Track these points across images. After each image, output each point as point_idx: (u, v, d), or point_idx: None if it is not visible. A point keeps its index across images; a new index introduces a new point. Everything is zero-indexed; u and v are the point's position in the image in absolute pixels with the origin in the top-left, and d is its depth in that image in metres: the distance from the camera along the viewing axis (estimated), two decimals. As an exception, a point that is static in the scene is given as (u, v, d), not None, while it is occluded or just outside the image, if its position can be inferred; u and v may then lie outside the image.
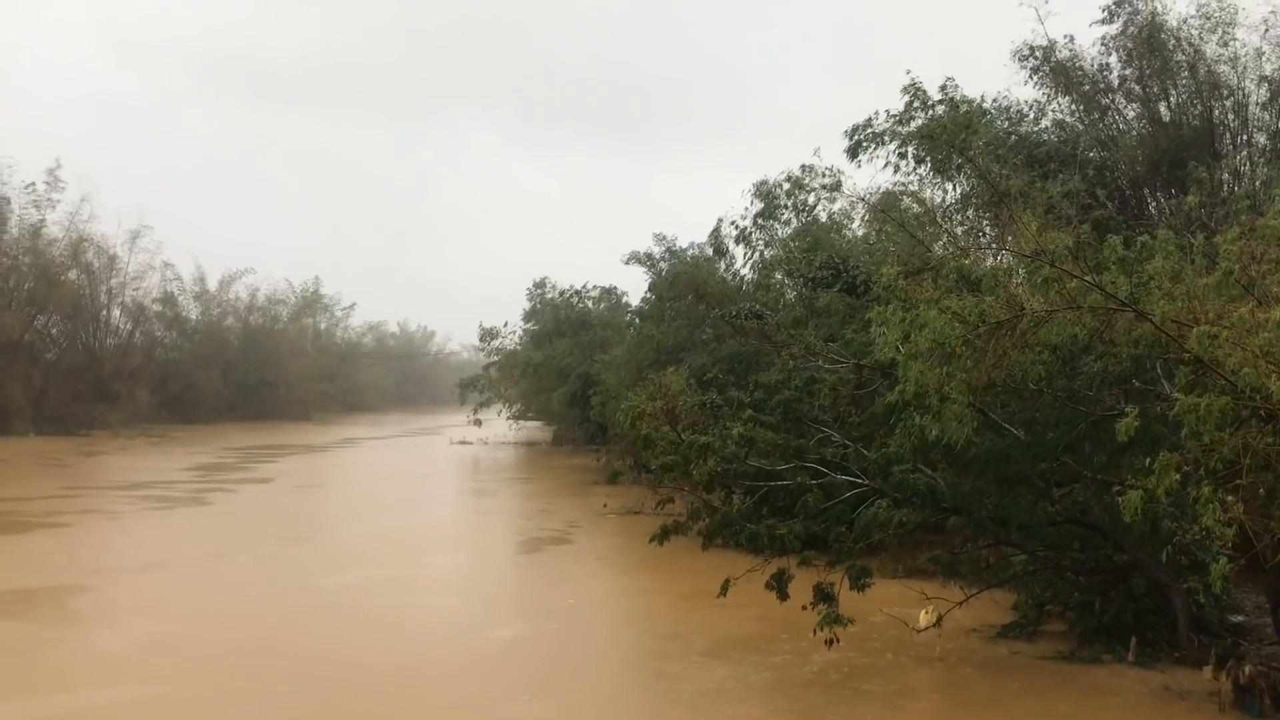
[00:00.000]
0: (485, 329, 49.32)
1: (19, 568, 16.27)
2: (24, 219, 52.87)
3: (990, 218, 17.94)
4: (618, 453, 29.67)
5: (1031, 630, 11.63)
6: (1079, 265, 8.66)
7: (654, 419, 18.18)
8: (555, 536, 20.08)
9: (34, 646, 11.53)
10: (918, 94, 17.66)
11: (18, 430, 48.25)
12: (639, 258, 30.77)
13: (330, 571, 16.24)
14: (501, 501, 28.32)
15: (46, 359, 55.68)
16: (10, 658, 11.07)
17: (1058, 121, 20.39)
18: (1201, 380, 7.83)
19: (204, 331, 71.02)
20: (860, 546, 9.96)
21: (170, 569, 16.29)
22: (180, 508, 24.09)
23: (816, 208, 21.50)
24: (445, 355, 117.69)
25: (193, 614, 13.08)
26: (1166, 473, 7.21)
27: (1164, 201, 19.27)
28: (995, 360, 8.71)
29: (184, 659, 10.89)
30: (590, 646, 11.98)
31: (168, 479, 30.46)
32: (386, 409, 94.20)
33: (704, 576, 11.69)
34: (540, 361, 40.69)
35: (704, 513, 11.12)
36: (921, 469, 10.25)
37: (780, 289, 22.76)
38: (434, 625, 12.81)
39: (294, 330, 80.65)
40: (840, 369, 12.83)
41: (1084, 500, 10.93)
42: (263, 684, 10.07)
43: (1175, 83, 19.70)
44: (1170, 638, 10.58)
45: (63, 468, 34.85)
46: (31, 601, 13.87)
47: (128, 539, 19.94)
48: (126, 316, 62.89)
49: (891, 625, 11.38)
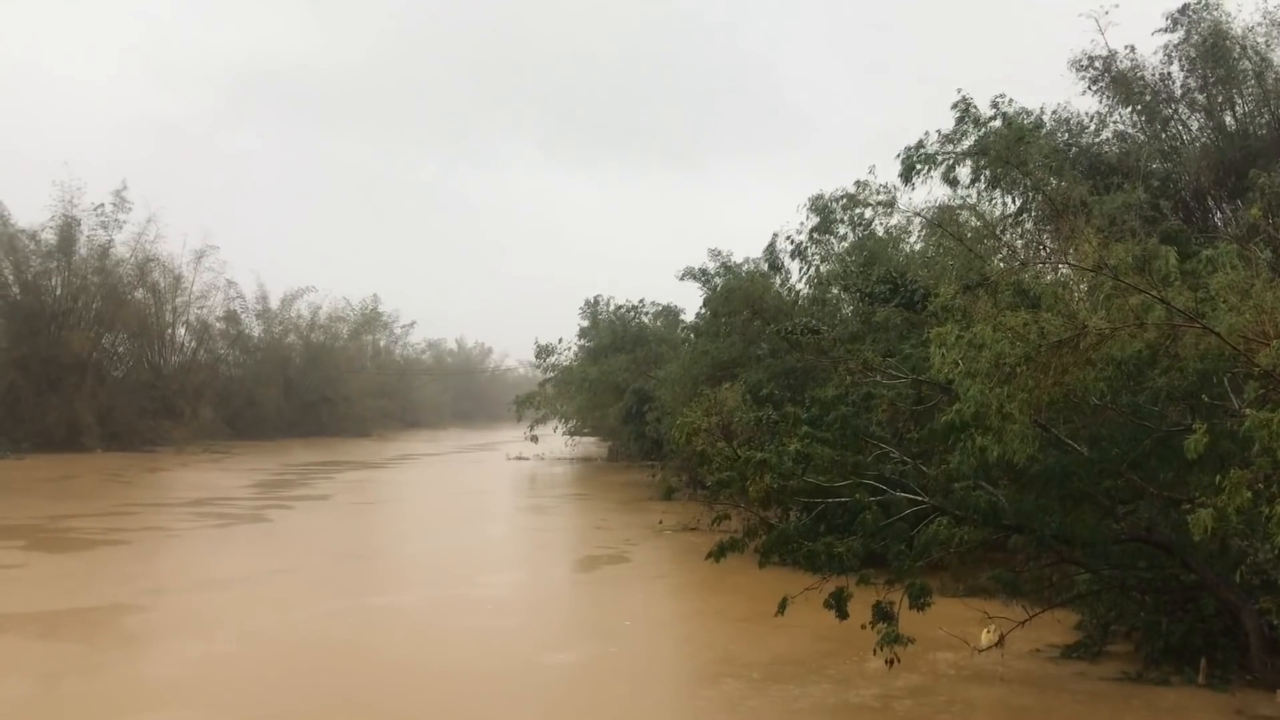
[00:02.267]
0: (541, 345, 49.59)
1: (77, 585, 16.40)
2: (92, 239, 54.07)
3: (1050, 230, 17.72)
4: (673, 469, 29.65)
5: (1096, 651, 11.38)
6: (1143, 279, 8.50)
7: (709, 435, 18.15)
8: (612, 554, 20.06)
9: (81, 669, 11.49)
10: (968, 111, 17.56)
11: (86, 446, 49.28)
12: (694, 273, 30.70)
13: (385, 591, 16.25)
14: (558, 518, 28.38)
15: (113, 377, 56.75)
16: (53, 681, 11.04)
17: (1119, 133, 20.10)
18: (1272, 395, 7.65)
19: (266, 349, 72.11)
20: (920, 564, 9.82)
21: (225, 587, 16.36)
22: (238, 525, 24.34)
23: (873, 222, 21.42)
24: (502, 372, 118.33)
25: (245, 635, 13.05)
26: (1238, 490, 7.04)
27: (1229, 213, 18.90)
28: (1057, 378, 8.57)
29: (232, 684, 10.79)
30: (649, 670, 11.84)
31: (227, 495, 30.86)
32: (444, 425, 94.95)
33: (761, 595, 11.60)
34: (596, 377, 40.77)
35: (760, 530, 11.05)
36: (983, 486, 10.10)
37: (836, 304, 22.62)
38: (490, 648, 12.59)
39: (354, 348, 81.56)
40: (898, 384, 12.69)
41: (1150, 518, 10.70)
42: (310, 711, 9.98)
43: (1241, 91, 19.36)
44: (1242, 659, 10.31)
45: (124, 484, 35.41)
46: (85, 621, 13.92)
47: (185, 556, 20.13)
48: (191, 335, 64.06)
49: (952, 645, 11.20)
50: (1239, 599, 10.07)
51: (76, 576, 17.39)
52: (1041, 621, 11.28)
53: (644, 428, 33.49)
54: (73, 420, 49.87)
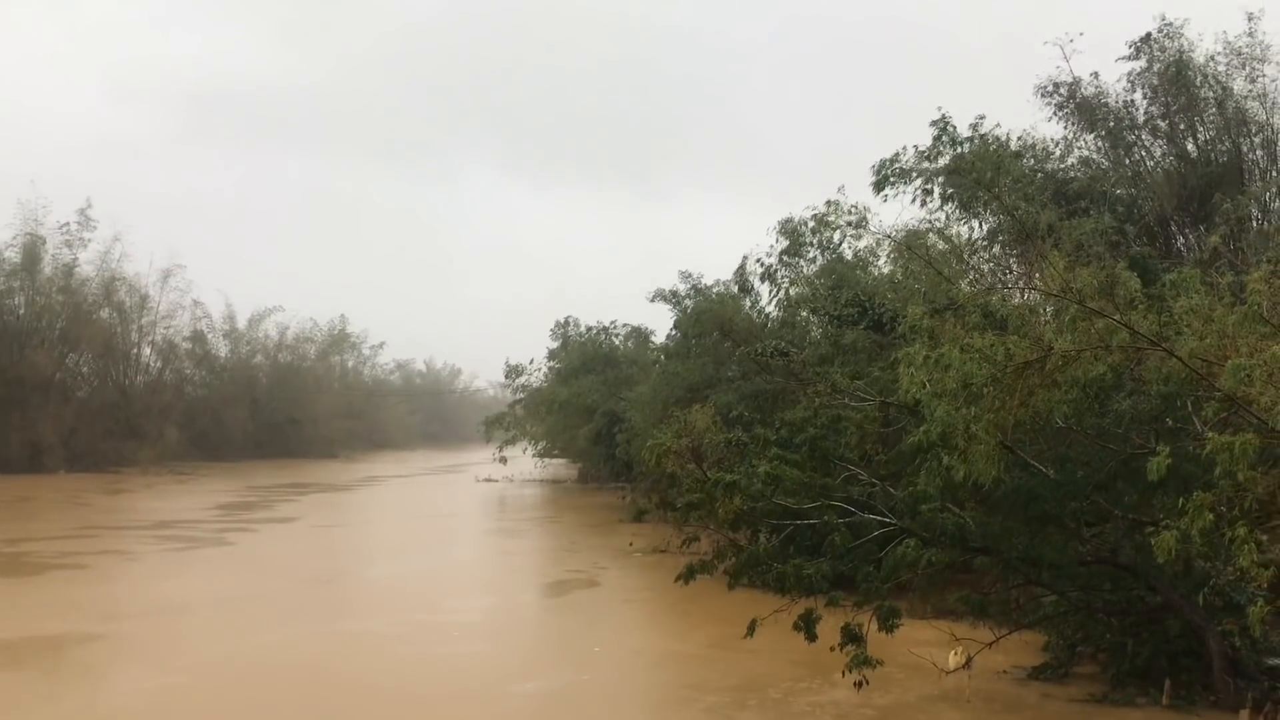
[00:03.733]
0: (510, 366, 49.53)
1: (28, 612, 15.82)
2: (57, 258, 53.59)
3: (1018, 254, 17.89)
4: (643, 490, 29.61)
5: (1063, 672, 11.43)
6: (1108, 303, 8.60)
7: (679, 457, 18.12)
8: (582, 578, 19.96)
9: (25, 703, 10.92)
10: (945, 129, 17.68)
11: (49, 468, 48.67)
12: (664, 295, 30.80)
13: (351, 616, 15.94)
14: (527, 541, 28.26)
15: (78, 397, 56.15)
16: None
17: (1084, 159, 20.36)
18: (1233, 419, 7.74)
19: (233, 369, 71.49)
20: (888, 586, 9.84)
21: (185, 614, 15.95)
22: (201, 548, 23.93)
23: (842, 245, 21.56)
24: (471, 393, 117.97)
25: (202, 664, 12.56)
26: (1201, 513, 7.12)
27: (1192, 238, 19.17)
28: (1023, 399, 8.64)
29: (189, 716, 10.45)
30: (619, 697, 11.70)
31: (190, 518, 30.43)
32: (413, 446, 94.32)
33: (731, 618, 11.56)
34: (566, 398, 40.72)
35: (730, 552, 11.05)
36: (950, 507, 10.15)
37: (806, 326, 22.75)
38: (459, 676, 12.33)
39: (321, 368, 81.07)
40: (866, 406, 12.75)
41: (1115, 540, 10.78)
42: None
43: (1202, 119, 19.67)
44: (1205, 680, 10.38)
45: (84, 506, 34.85)
46: (34, 650, 13.37)
47: (144, 581, 19.62)
48: (157, 355, 63.41)
49: (920, 666, 11.22)
50: (1203, 620, 10.15)
51: (28, 602, 16.82)
52: (1008, 643, 11.32)
53: (614, 449, 33.48)
54: (36, 441, 49.27)
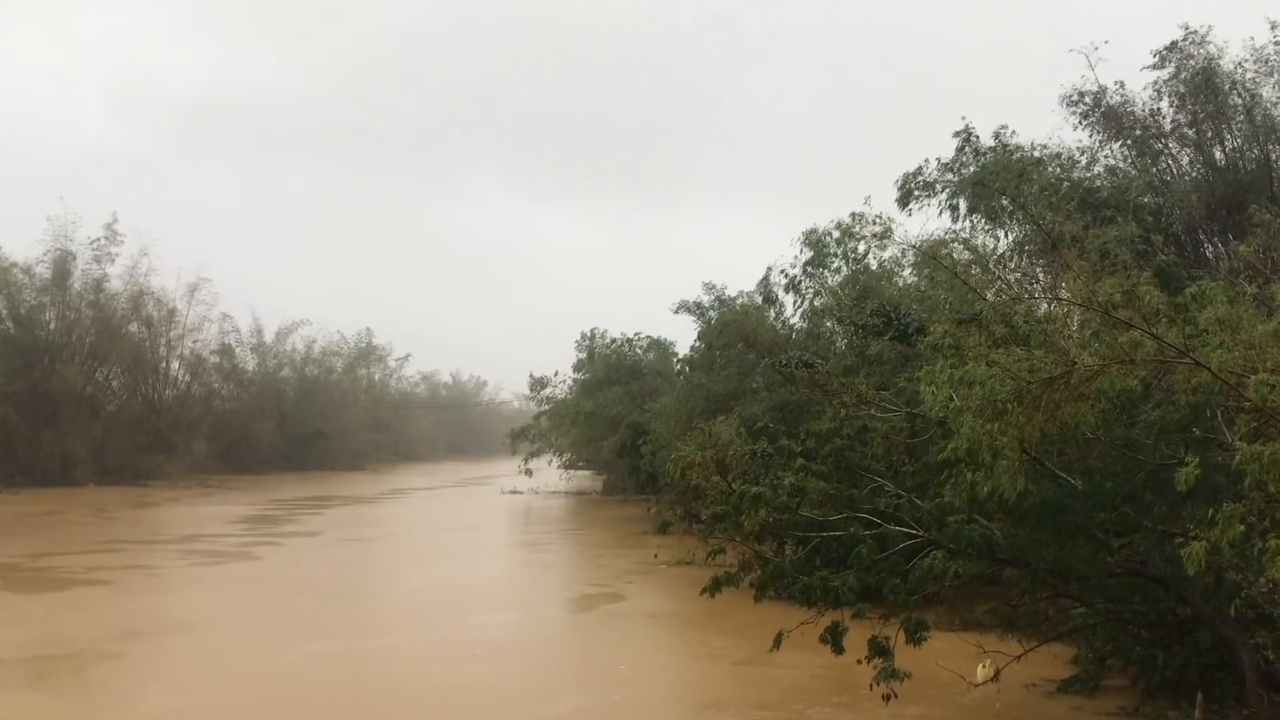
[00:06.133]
0: (535, 378, 49.70)
1: (48, 629, 15.70)
2: (86, 273, 54.17)
3: (1044, 264, 17.81)
4: (668, 502, 29.58)
5: (1093, 685, 11.35)
6: (1133, 314, 8.55)
7: (704, 468, 18.09)
8: (608, 592, 19.92)
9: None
10: (969, 140, 17.61)
11: (80, 481, 49.17)
12: (688, 306, 30.84)
13: (374, 633, 15.84)
14: (553, 554, 28.27)
15: (107, 411, 56.65)
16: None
17: (1110, 167, 20.25)
18: (1264, 429, 7.68)
19: (260, 382, 72.13)
20: (915, 598, 9.80)
21: (204, 631, 15.89)
22: (226, 563, 23.96)
23: (867, 255, 21.53)
24: (496, 404, 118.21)
25: (219, 685, 12.36)
26: (1230, 524, 7.05)
27: (1221, 247, 19.03)
28: (1049, 413, 8.59)
29: None
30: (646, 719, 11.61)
31: (216, 532, 30.60)
32: (439, 458, 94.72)
33: (758, 631, 11.53)
34: (590, 410, 40.80)
35: (756, 564, 11.02)
36: (977, 519, 10.09)
37: (831, 337, 22.70)
38: (484, 696, 12.11)
39: (348, 381, 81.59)
40: (893, 417, 12.71)
41: (1145, 551, 10.69)
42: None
43: (1230, 127, 19.53)
44: (1238, 694, 10.27)
45: (109, 520, 34.94)
46: (50, 670, 13.27)
47: (167, 597, 19.60)
48: (185, 368, 63.80)
49: (948, 679, 11.16)
50: (1234, 633, 10.05)
51: (49, 619, 16.70)
52: (1037, 655, 11.22)
53: (639, 461, 33.46)
54: (66, 455, 49.78)
